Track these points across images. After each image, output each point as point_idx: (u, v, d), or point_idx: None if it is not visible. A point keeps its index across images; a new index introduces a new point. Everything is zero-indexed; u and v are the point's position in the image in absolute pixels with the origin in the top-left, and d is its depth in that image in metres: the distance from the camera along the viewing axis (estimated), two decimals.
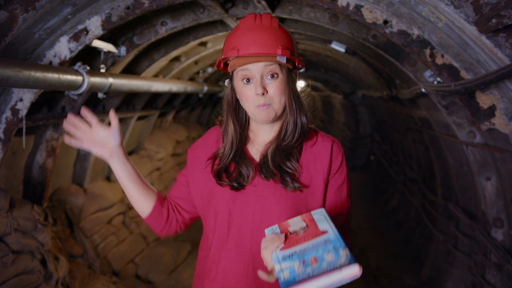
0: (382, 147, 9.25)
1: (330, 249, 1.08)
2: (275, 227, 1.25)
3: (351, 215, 1.51)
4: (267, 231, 1.25)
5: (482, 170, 3.28)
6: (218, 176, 1.43)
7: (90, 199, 4.55)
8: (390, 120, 7.54)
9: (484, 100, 2.41)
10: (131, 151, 5.97)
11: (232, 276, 1.42)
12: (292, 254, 1.11)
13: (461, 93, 2.41)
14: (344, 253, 1.06)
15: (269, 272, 1.18)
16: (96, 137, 1.40)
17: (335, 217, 1.45)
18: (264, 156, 1.43)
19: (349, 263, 1.02)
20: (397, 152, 7.66)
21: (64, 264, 3.54)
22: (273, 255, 1.13)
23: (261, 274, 1.20)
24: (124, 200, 5.15)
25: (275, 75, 1.36)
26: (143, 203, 1.51)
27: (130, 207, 5.26)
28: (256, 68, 1.34)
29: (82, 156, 4.66)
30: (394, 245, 5.99)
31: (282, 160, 1.40)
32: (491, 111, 2.41)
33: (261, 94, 1.34)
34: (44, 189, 3.75)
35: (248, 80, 1.36)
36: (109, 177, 5.28)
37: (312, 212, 1.24)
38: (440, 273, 4.39)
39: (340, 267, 1.02)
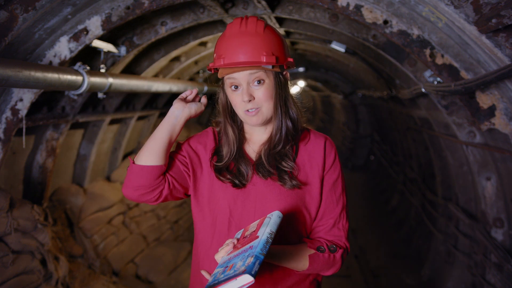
0: (382, 147, 9.25)
1: (245, 256, 1.12)
2: (240, 232, 1.32)
3: (348, 212, 1.52)
4: (236, 234, 1.33)
5: (482, 170, 3.28)
6: (219, 172, 1.45)
7: (90, 199, 4.55)
8: (390, 120, 7.53)
9: (484, 100, 2.41)
10: (131, 151, 5.96)
11: None
12: (227, 260, 1.18)
13: (461, 93, 2.41)
14: (248, 261, 1.09)
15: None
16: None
17: (331, 213, 1.47)
18: (260, 156, 1.46)
19: (245, 272, 1.05)
20: (397, 152, 7.66)
21: (64, 264, 3.54)
22: (221, 260, 1.21)
23: (204, 273, 1.27)
24: (124, 200, 5.15)
25: (262, 81, 1.38)
26: (156, 156, 1.40)
27: (130, 207, 5.26)
28: (241, 76, 1.36)
29: (82, 156, 4.66)
30: (394, 245, 5.99)
31: (277, 161, 1.43)
32: (491, 111, 2.41)
33: (247, 101, 1.37)
34: (44, 189, 3.75)
35: (236, 87, 1.39)
36: (109, 177, 5.29)
37: (268, 215, 1.28)
38: (440, 273, 4.39)
39: (236, 276, 1.06)
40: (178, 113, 1.45)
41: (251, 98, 1.37)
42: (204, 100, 1.57)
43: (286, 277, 1.44)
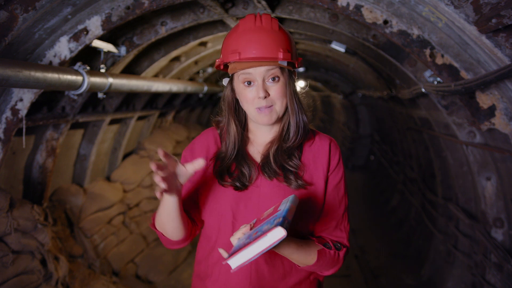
0: (382, 147, 9.24)
1: (270, 222, 1.12)
2: (254, 220, 1.31)
3: (349, 213, 1.53)
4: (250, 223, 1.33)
5: (482, 170, 3.28)
6: (220, 176, 1.43)
7: (90, 199, 4.55)
8: (390, 120, 7.53)
9: (484, 100, 2.41)
10: (131, 151, 5.97)
11: (235, 276, 1.42)
12: (248, 234, 1.17)
13: (461, 93, 2.41)
14: (276, 221, 1.09)
15: None
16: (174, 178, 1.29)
17: (334, 214, 1.46)
18: (266, 157, 1.44)
19: (276, 226, 1.05)
20: (397, 152, 7.66)
21: (64, 264, 3.54)
22: (237, 241, 1.20)
23: (221, 251, 1.24)
24: (124, 200, 5.15)
25: (277, 78, 1.36)
26: (179, 231, 1.42)
27: (130, 207, 5.26)
28: (257, 72, 1.34)
29: (82, 156, 4.66)
30: (394, 245, 5.99)
31: (284, 160, 1.41)
32: (491, 111, 2.41)
33: (263, 98, 1.34)
34: (44, 189, 3.75)
35: (249, 83, 1.36)
36: (109, 177, 5.28)
37: (284, 199, 1.28)
38: (440, 273, 4.39)
39: (265, 232, 1.06)
40: (171, 201, 1.31)
41: (266, 94, 1.35)
42: (198, 164, 1.27)
43: (287, 277, 1.44)
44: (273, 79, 1.36)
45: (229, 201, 1.42)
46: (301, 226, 1.43)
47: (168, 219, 1.37)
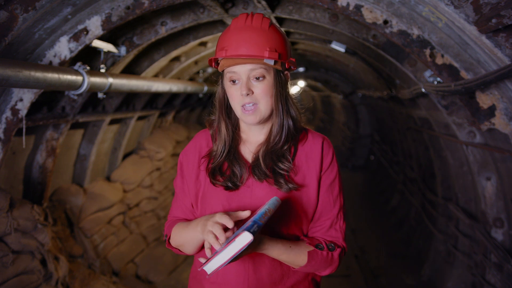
0: (382, 147, 9.24)
1: (244, 227, 1.15)
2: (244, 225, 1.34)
3: (345, 213, 1.52)
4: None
5: (482, 170, 3.28)
6: (212, 175, 1.43)
7: (90, 199, 4.55)
8: (390, 120, 7.53)
9: (484, 100, 2.41)
10: (131, 151, 5.97)
11: (233, 277, 1.42)
12: (227, 240, 1.20)
13: (461, 93, 2.41)
14: (246, 226, 1.13)
15: None
16: None
17: (328, 213, 1.46)
18: (257, 158, 1.44)
19: (244, 231, 1.08)
20: (397, 152, 7.65)
21: (64, 264, 3.54)
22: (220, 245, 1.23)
23: (201, 259, 1.27)
24: (124, 200, 5.16)
25: (262, 77, 1.36)
26: (197, 249, 1.46)
27: (130, 207, 5.26)
28: (242, 70, 1.35)
29: (82, 156, 4.66)
30: (394, 245, 5.99)
31: (274, 162, 1.41)
32: (491, 111, 2.41)
33: (245, 95, 1.35)
34: (44, 189, 3.75)
35: (236, 81, 1.38)
36: (109, 177, 5.29)
37: (266, 202, 1.30)
38: (440, 273, 4.39)
39: (235, 237, 1.10)
40: (201, 238, 1.36)
41: (249, 92, 1.35)
42: None
43: (285, 278, 1.44)
44: (258, 77, 1.36)
45: (221, 201, 1.42)
46: (294, 227, 1.43)
47: (190, 244, 1.42)
